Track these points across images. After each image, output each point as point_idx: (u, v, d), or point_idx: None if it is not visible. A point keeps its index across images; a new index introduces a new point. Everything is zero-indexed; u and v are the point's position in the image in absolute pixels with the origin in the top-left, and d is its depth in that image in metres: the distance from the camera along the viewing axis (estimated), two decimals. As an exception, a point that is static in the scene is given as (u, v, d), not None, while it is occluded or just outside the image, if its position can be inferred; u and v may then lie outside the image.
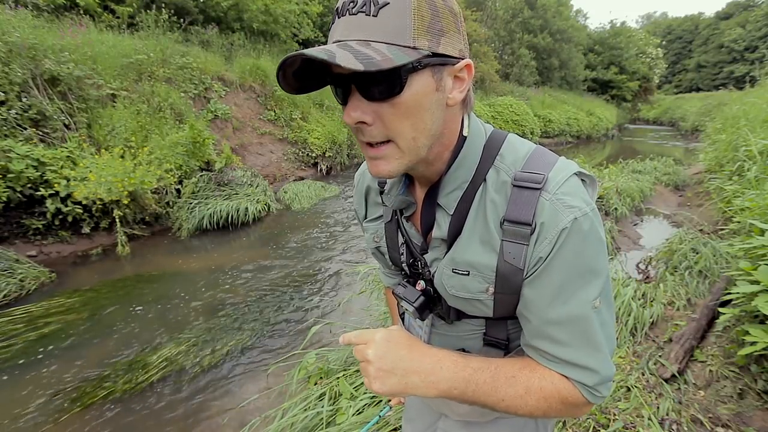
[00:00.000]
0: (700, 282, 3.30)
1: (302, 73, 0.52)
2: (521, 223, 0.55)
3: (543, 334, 0.59)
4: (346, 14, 0.49)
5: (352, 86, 0.51)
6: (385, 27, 0.48)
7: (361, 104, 0.51)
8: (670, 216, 5.83)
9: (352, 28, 0.49)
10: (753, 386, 1.96)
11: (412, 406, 1.01)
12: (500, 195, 0.59)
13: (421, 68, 0.50)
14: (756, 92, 8.52)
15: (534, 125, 15.37)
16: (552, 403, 0.59)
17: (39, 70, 4.73)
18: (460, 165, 0.61)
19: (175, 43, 7.93)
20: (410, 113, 0.51)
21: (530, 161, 0.59)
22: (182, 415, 2.35)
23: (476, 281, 0.61)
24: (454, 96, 0.54)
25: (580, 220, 0.54)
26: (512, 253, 0.56)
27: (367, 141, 0.54)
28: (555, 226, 0.54)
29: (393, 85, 0.49)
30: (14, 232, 4.22)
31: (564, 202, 0.54)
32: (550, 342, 0.58)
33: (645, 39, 32.06)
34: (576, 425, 1.90)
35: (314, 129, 8.91)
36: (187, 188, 5.48)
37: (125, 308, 3.45)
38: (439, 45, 0.50)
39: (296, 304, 3.58)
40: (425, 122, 0.53)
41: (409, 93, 0.50)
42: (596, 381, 0.58)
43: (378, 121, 0.52)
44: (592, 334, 0.56)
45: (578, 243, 0.54)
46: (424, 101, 0.51)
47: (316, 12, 12.64)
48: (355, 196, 0.86)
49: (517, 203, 0.56)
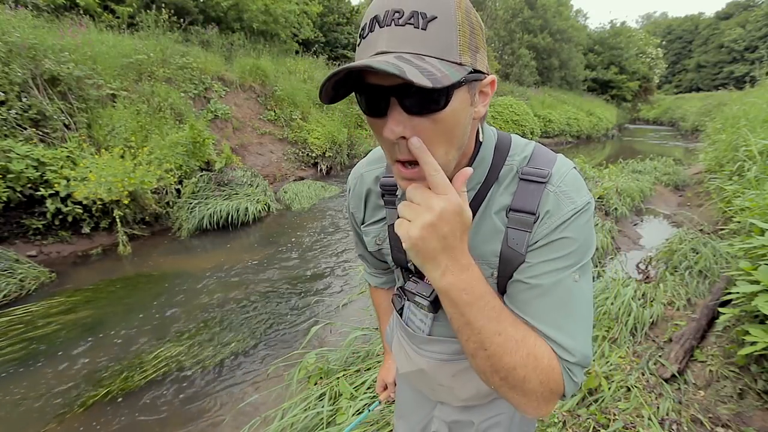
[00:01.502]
0: (700, 282, 3.30)
1: (341, 83, 0.49)
2: (526, 212, 0.61)
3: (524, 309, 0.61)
4: (392, 24, 0.47)
5: (392, 99, 0.49)
6: (434, 41, 0.47)
7: (402, 118, 0.49)
8: (670, 216, 5.83)
9: (399, 39, 0.47)
10: (753, 386, 1.96)
11: (403, 403, 1.02)
12: (509, 187, 0.65)
13: (463, 84, 0.50)
14: (756, 92, 8.52)
15: (534, 125, 15.37)
16: (537, 368, 0.56)
17: (39, 70, 4.73)
18: (476, 168, 0.65)
19: (175, 43, 7.94)
20: (448, 128, 0.51)
21: (534, 158, 0.65)
22: (182, 414, 2.35)
23: (482, 268, 0.63)
24: (479, 110, 0.56)
25: (580, 212, 0.60)
26: (515, 239, 0.62)
27: (404, 159, 0.52)
28: (557, 215, 0.60)
29: (439, 100, 0.48)
30: (14, 232, 4.22)
31: (567, 194, 0.61)
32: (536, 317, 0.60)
33: (645, 39, 32.07)
34: (576, 425, 1.90)
35: (314, 129, 8.91)
36: (187, 188, 5.48)
37: (125, 308, 3.45)
38: (476, 61, 0.52)
39: (296, 304, 3.58)
40: (458, 136, 0.54)
41: (450, 109, 0.50)
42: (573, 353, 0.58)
43: (417, 136, 0.50)
44: (569, 312, 0.59)
45: (574, 230, 0.60)
46: (461, 116, 0.52)
47: (316, 12, 12.65)
48: (351, 200, 0.85)
49: (524, 194, 0.62)
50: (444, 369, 0.82)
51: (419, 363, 0.85)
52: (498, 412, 0.86)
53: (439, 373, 0.83)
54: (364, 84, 0.50)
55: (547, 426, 1.90)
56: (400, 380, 1.03)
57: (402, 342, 0.89)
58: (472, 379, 0.81)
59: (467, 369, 0.80)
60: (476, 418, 0.86)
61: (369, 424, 1.89)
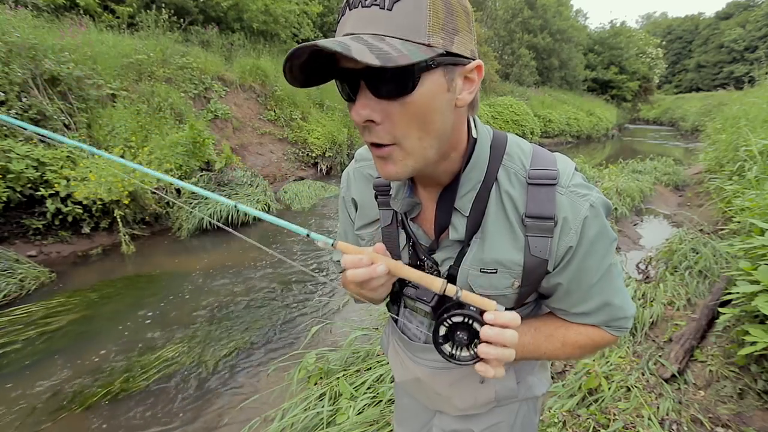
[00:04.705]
0: (700, 282, 3.30)
1: (309, 66, 0.49)
2: (544, 218, 0.60)
3: (580, 307, 0.68)
4: (359, 6, 0.47)
5: (361, 82, 0.49)
6: (399, 21, 0.46)
7: (370, 102, 0.49)
8: (670, 216, 5.83)
9: (365, 21, 0.47)
10: (753, 386, 1.96)
11: (403, 409, 0.99)
12: (516, 192, 0.62)
13: (434, 67, 0.48)
14: (756, 92, 8.52)
15: (534, 125, 15.37)
16: (585, 348, 0.71)
17: (39, 70, 4.73)
18: (474, 166, 0.62)
19: (175, 43, 7.93)
20: (420, 113, 0.50)
21: (536, 159, 0.64)
22: (182, 414, 2.35)
23: (503, 278, 0.64)
24: (464, 97, 0.53)
25: (595, 204, 0.61)
26: (538, 246, 0.61)
27: (373, 141, 0.53)
28: (577, 217, 0.60)
29: (405, 83, 0.47)
30: (14, 232, 4.22)
31: (577, 193, 0.61)
32: (585, 315, 0.69)
33: (645, 39, 32.05)
34: (576, 425, 1.90)
35: (314, 129, 8.91)
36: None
37: (125, 308, 3.45)
38: (453, 44, 0.49)
39: (296, 304, 3.58)
40: (434, 123, 0.52)
41: (421, 92, 0.48)
42: (626, 315, 0.69)
43: (386, 120, 0.50)
44: (615, 288, 0.67)
45: (597, 224, 0.62)
46: (435, 101, 0.50)
47: (316, 12, 12.63)
48: (347, 205, 0.84)
49: (536, 200, 0.61)
50: (441, 377, 0.79)
51: (415, 371, 0.82)
52: (498, 420, 0.84)
53: (436, 381, 0.80)
54: (338, 69, 0.51)
55: (547, 426, 1.90)
56: (398, 387, 1.01)
57: (398, 349, 0.87)
58: (469, 389, 0.79)
59: (465, 378, 0.78)
60: (476, 427, 0.84)
61: (369, 424, 1.89)
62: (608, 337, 0.71)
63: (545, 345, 0.69)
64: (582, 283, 0.65)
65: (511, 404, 0.83)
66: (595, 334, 0.70)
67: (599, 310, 0.67)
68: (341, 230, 0.88)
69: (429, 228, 0.69)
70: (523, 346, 0.66)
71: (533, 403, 0.87)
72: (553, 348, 0.69)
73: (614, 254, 0.67)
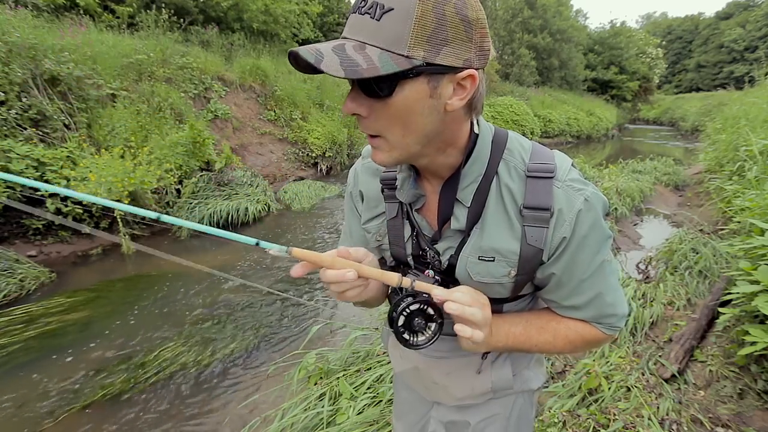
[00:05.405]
0: (700, 282, 3.30)
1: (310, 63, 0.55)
2: (541, 209, 0.63)
3: (571, 300, 0.70)
4: (357, 12, 0.51)
5: (354, 81, 0.54)
6: (384, 33, 0.49)
7: (358, 97, 0.55)
8: (670, 216, 5.83)
9: (357, 27, 0.51)
10: (753, 386, 1.96)
11: (400, 403, 1.02)
12: (516, 185, 0.65)
13: (413, 76, 0.51)
14: (756, 92, 8.51)
15: (534, 125, 15.37)
16: (575, 343, 0.72)
17: (39, 70, 4.73)
18: (476, 160, 0.65)
19: (175, 43, 7.93)
20: (400, 114, 0.54)
21: (535, 154, 0.67)
22: (182, 414, 2.35)
23: (500, 266, 0.67)
24: (453, 103, 0.55)
25: (590, 199, 0.63)
26: (534, 236, 0.64)
27: (363, 131, 0.59)
28: (571, 209, 0.62)
29: (381, 88, 0.52)
30: (14, 232, 4.22)
31: (573, 186, 0.63)
32: (576, 309, 0.71)
33: (645, 39, 32.02)
34: (576, 425, 1.90)
35: (314, 129, 8.91)
36: (187, 188, 5.48)
37: (125, 308, 3.45)
38: (438, 55, 0.51)
39: (296, 304, 3.58)
40: (416, 124, 0.55)
41: (400, 97, 0.52)
42: (616, 314, 0.71)
43: (372, 115, 0.55)
44: (608, 284, 0.69)
45: (591, 218, 0.64)
46: (416, 106, 0.54)
47: (316, 12, 12.65)
48: (354, 198, 0.85)
49: (534, 192, 0.64)
50: (438, 366, 0.83)
51: (413, 360, 0.85)
52: (494, 412, 0.86)
53: (434, 370, 0.83)
54: None
55: (547, 426, 1.90)
56: (397, 380, 1.04)
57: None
58: (466, 378, 0.81)
59: (462, 367, 0.81)
60: (472, 418, 0.86)
61: (369, 424, 1.89)
62: (599, 334, 0.72)
63: (536, 337, 0.71)
64: (573, 275, 0.67)
65: (507, 396, 0.85)
66: (584, 330, 0.72)
67: (589, 304, 0.69)
68: (346, 230, 0.90)
69: (432, 219, 0.72)
70: (514, 336, 0.70)
71: (529, 396, 0.89)
72: (544, 341, 0.71)
73: (609, 251, 0.69)
